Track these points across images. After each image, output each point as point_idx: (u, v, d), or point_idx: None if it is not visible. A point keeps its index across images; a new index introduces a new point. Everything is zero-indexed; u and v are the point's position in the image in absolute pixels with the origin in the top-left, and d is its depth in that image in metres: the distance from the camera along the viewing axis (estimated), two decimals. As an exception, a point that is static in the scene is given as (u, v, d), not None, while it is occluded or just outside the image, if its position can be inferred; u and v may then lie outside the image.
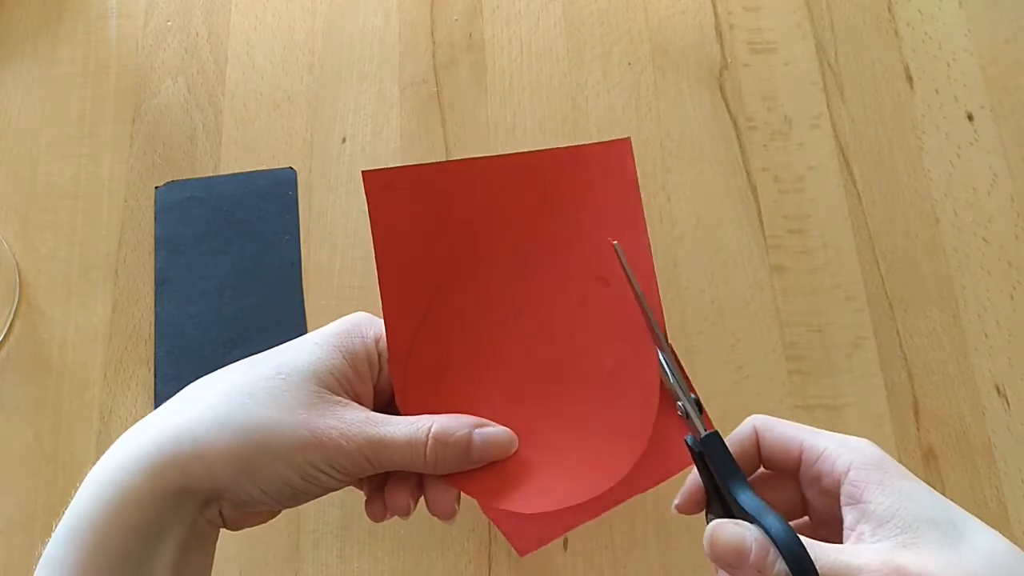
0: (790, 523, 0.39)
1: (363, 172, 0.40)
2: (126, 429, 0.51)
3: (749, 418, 0.38)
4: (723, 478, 0.35)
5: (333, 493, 0.38)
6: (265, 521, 0.39)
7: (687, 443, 0.36)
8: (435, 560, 0.48)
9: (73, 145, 0.58)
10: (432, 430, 0.37)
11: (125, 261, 0.55)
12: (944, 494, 0.44)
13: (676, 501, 0.38)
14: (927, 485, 0.34)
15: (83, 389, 0.52)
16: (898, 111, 0.57)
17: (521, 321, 0.41)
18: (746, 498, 0.34)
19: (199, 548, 0.36)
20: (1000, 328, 0.52)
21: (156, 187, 0.57)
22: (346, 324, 0.39)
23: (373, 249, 0.40)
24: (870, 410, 0.50)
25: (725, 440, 0.38)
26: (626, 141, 0.41)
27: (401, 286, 0.41)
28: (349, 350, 0.38)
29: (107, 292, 0.54)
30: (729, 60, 0.59)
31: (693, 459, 0.36)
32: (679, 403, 0.38)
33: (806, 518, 0.39)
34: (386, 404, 0.40)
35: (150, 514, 0.34)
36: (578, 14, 0.61)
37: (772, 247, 0.54)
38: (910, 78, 0.58)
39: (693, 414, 0.37)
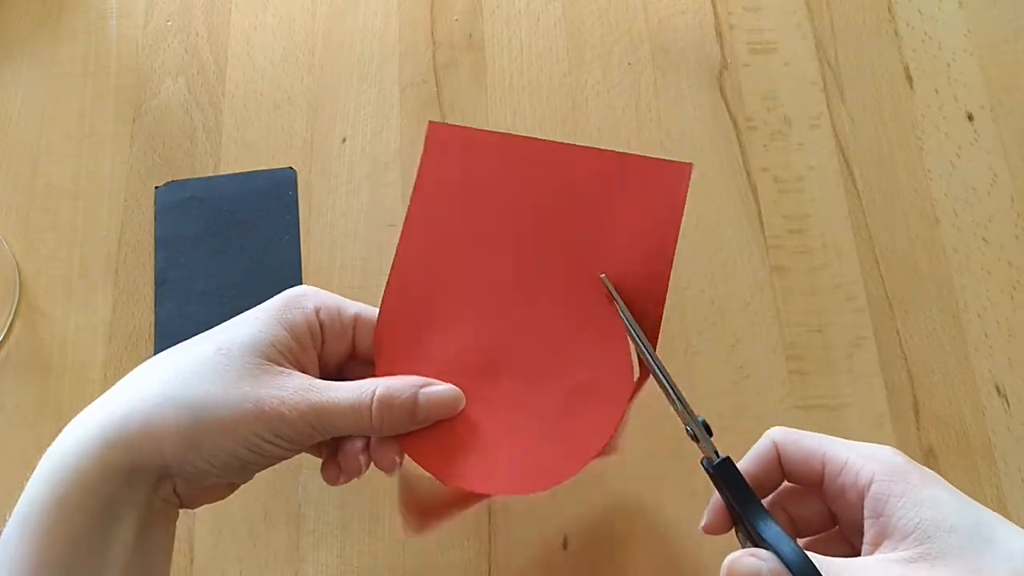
0: (821, 534, 0.38)
1: (430, 123, 0.41)
2: (126, 429, 0.51)
3: (768, 432, 0.38)
4: (738, 504, 0.35)
5: (334, 493, 0.38)
6: (223, 497, 0.39)
7: (703, 465, 0.36)
8: (435, 560, 0.48)
9: (73, 145, 0.58)
10: (377, 393, 0.38)
11: (125, 261, 0.55)
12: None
13: (703, 522, 0.37)
14: (955, 490, 0.33)
15: (83, 389, 0.52)
16: (898, 111, 0.57)
17: (515, 308, 0.41)
18: (760, 523, 0.34)
19: (157, 527, 0.37)
20: (1000, 328, 0.52)
21: (156, 187, 0.57)
22: (287, 297, 0.40)
23: (411, 200, 0.40)
24: (870, 410, 0.50)
25: (745, 456, 0.37)
26: (687, 165, 0.41)
27: (420, 244, 0.41)
28: (289, 321, 0.39)
29: (107, 292, 0.54)
30: (729, 60, 0.59)
31: (711, 480, 0.36)
32: (687, 428, 0.37)
33: (836, 528, 0.38)
34: (334, 373, 0.41)
35: (101, 495, 0.34)
36: (578, 14, 0.61)
37: (772, 247, 0.54)
38: (910, 78, 0.58)
39: (702, 438, 0.37)
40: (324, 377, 0.39)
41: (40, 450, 0.51)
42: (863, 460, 0.34)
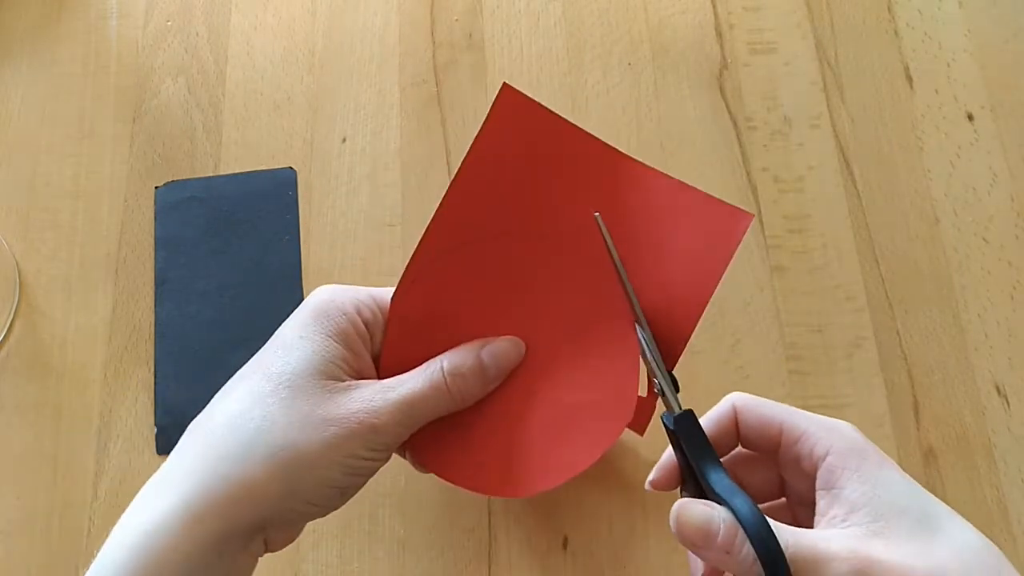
0: (768, 503, 0.38)
1: (504, 84, 0.39)
2: (126, 429, 0.51)
3: (728, 396, 0.38)
4: (695, 458, 0.34)
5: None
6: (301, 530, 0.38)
7: (662, 420, 0.36)
8: (435, 560, 0.48)
9: (73, 145, 0.58)
10: (445, 368, 0.38)
11: (125, 261, 0.55)
12: (944, 494, 0.44)
13: (651, 477, 0.37)
14: (907, 475, 0.33)
15: (83, 389, 0.52)
16: (898, 111, 0.57)
17: (533, 307, 0.41)
18: (717, 478, 0.33)
19: None
20: (1000, 328, 0.52)
21: (156, 187, 0.57)
22: (320, 304, 0.38)
23: (464, 160, 0.39)
24: (870, 410, 0.50)
25: (702, 418, 0.37)
26: (748, 216, 0.39)
27: (457, 215, 0.39)
28: (338, 332, 0.38)
29: (107, 292, 0.54)
30: (729, 60, 0.59)
31: (668, 437, 0.36)
32: (655, 380, 0.37)
33: (783, 499, 0.38)
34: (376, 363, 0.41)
35: (193, 572, 0.33)
36: (578, 14, 0.61)
37: (772, 247, 0.54)
38: (910, 78, 0.58)
39: (668, 392, 0.37)
40: (380, 376, 0.39)
41: (40, 450, 0.51)
42: (822, 432, 0.34)
